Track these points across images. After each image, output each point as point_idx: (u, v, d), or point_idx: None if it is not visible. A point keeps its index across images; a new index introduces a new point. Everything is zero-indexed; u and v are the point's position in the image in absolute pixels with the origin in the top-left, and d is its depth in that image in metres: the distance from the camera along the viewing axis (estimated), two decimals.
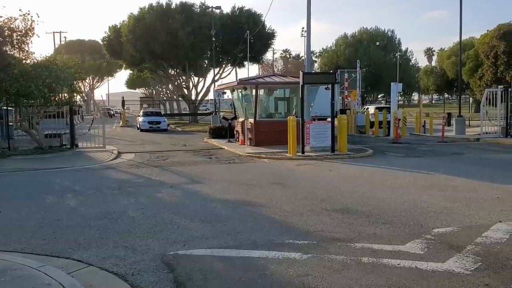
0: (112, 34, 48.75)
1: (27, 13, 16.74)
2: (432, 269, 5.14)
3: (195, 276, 5.05)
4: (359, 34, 71.91)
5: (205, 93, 51.63)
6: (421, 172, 12.45)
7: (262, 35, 47.39)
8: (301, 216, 7.58)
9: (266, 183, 10.88)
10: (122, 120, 44.31)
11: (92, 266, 5.42)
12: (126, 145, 22.20)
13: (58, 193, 10.26)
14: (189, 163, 15.03)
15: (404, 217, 7.44)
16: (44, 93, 16.98)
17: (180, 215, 7.85)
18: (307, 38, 18.85)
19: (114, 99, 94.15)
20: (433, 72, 71.10)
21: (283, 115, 20.24)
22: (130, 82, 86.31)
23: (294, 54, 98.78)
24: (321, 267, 5.24)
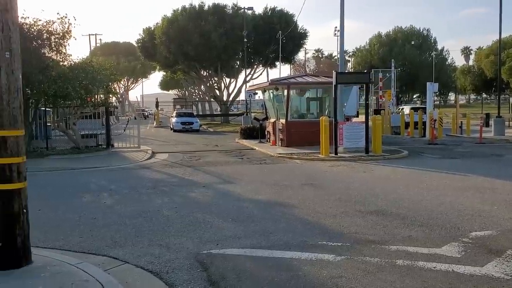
0: (146, 36, 49.59)
1: (65, 16, 17.19)
2: (470, 273, 5.00)
3: (229, 275, 5.08)
4: (393, 33, 70.75)
5: (236, 94, 51.90)
6: (458, 174, 12.14)
7: (294, 35, 47.25)
8: (334, 218, 7.51)
9: (298, 184, 10.84)
10: (156, 121, 45.00)
11: (128, 263, 5.53)
12: (159, 145, 22.52)
13: (94, 192, 10.50)
14: (221, 163, 15.12)
15: (440, 219, 7.27)
16: (81, 95, 17.40)
17: (212, 215, 7.91)
18: (341, 37, 18.66)
19: (148, 100, 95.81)
20: (470, 72, 69.34)
21: (315, 116, 20.10)
22: (163, 83, 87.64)
23: (327, 54, 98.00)
24: (355, 269, 5.18)
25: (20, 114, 5.04)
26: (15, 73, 4.95)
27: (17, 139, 4.97)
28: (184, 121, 35.00)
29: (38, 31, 16.59)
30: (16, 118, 4.96)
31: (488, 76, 60.39)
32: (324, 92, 20.73)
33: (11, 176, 4.91)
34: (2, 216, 4.89)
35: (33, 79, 15.88)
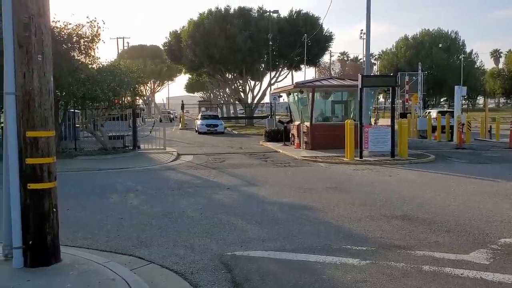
0: (172, 39, 50.17)
1: (94, 20, 17.55)
2: (499, 280, 4.89)
3: (253, 277, 5.09)
4: (420, 36, 69.74)
5: (261, 97, 51.99)
6: (487, 179, 11.89)
7: (319, 38, 47.08)
8: (359, 222, 7.46)
9: (323, 188, 10.79)
10: (181, 123, 45.43)
11: (153, 263, 5.60)
12: (185, 147, 22.73)
13: (121, 192, 10.68)
14: (245, 166, 15.17)
15: (468, 225, 7.14)
16: (108, 97, 17.71)
17: (237, 217, 7.94)
18: (367, 40, 18.52)
19: (174, 102, 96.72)
20: (500, 75, 67.77)
21: (340, 119, 19.97)
22: (189, 86, 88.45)
23: (352, 57, 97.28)
24: (380, 274, 5.13)
25: (51, 115, 5.17)
26: (47, 76, 5.08)
27: (48, 140, 5.10)
28: (209, 123, 35.25)
29: (68, 34, 16.97)
30: (47, 120, 5.09)
31: None
32: (349, 95, 20.60)
33: (42, 176, 5.04)
34: (33, 215, 5.02)
35: (63, 82, 16.24)
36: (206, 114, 41.03)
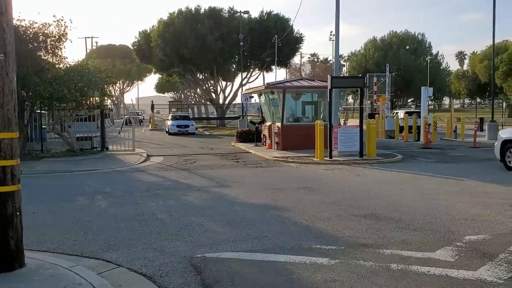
0: (142, 39, 49.59)
1: (61, 19, 17.16)
2: (464, 277, 5.02)
3: (223, 279, 5.07)
4: (388, 38, 70.95)
5: (232, 97, 51.93)
6: (452, 178, 12.19)
7: (290, 39, 47.36)
8: (328, 221, 7.53)
9: (293, 188, 10.85)
10: (151, 124, 44.96)
11: (121, 267, 5.51)
12: (155, 148, 22.49)
13: (89, 194, 10.47)
14: (217, 167, 15.12)
15: (434, 223, 7.30)
16: (76, 97, 17.36)
17: (207, 218, 7.90)
18: (336, 42, 18.75)
19: (144, 103, 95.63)
20: (464, 76, 69.71)
21: (310, 119, 20.15)
22: (159, 86, 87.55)
23: (322, 58, 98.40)
24: (349, 273, 5.19)
25: (15, 116, 5.03)
26: (10, 75, 4.94)
27: (11, 141, 4.96)
28: (180, 124, 34.89)
29: (34, 33, 16.56)
30: (10, 121, 4.95)
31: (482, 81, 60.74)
32: (319, 96, 20.81)
33: (4, 179, 4.89)
34: None
35: (28, 82, 15.84)
36: (177, 114, 40.51)
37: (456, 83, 71.82)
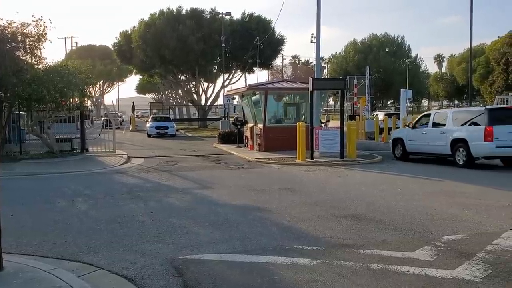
0: (122, 39, 49.17)
1: (40, 19, 16.92)
2: (442, 276, 5.12)
3: (204, 281, 5.07)
4: (368, 40, 71.70)
5: (214, 99, 51.84)
6: (431, 178, 12.39)
7: (272, 41, 47.51)
8: (310, 222, 7.58)
9: (275, 189, 10.89)
10: (131, 125, 44.58)
11: (102, 269, 5.47)
12: (135, 149, 22.33)
13: (69, 197, 10.35)
14: (198, 168, 15.09)
15: (414, 223, 7.42)
16: (55, 98, 17.14)
17: (189, 220, 7.89)
18: (317, 44, 18.87)
19: (124, 104, 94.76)
20: (443, 79, 70.82)
21: (292, 121, 20.26)
22: (140, 87, 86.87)
23: (304, 60, 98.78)
24: (330, 273, 5.24)
25: None
26: None
27: None
28: (159, 125, 33.91)
29: (12, 33, 16.28)
30: None
31: (460, 83, 61.83)
32: (301, 97, 20.94)
33: None
34: None
35: (6, 82, 15.58)
36: (157, 116, 39.80)
37: (434, 85, 72.91)
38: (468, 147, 14.25)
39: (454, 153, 14.85)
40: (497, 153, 14.06)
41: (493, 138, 13.68)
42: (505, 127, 13.86)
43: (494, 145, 13.74)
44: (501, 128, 13.77)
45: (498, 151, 13.89)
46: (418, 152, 16.75)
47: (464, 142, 14.41)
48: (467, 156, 14.36)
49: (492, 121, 13.87)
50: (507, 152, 14.00)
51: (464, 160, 14.47)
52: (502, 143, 13.70)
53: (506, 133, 13.76)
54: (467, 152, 14.32)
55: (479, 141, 13.98)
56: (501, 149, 13.80)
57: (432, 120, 16.22)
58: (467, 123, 14.71)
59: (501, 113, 15.10)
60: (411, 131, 16.97)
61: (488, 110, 14.38)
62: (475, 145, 14.09)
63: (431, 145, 15.80)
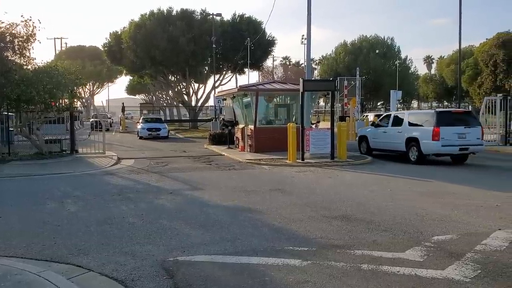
0: (112, 40, 48.93)
1: (29, 19, 16.82)
2: (432, 276, 5.15)
3: (195, 282, 5.06)
4: (358, 42, 72.06)
5: (205, 100, 51.76)
6: (420, 179, 12.47)
7: (263, 42, 47.57)
8: (300, 223, 7.60)
9: (266, 190, 10.90)
10: (121, 126, 44.35)
11: (92, 271, 5.43)
12: (125, 151, 22.21)
13: (58, 198, 10.26)
14: (189, 169, 15.05)
15: (404, 224, 7.46)
16: (44, 99, 17.02)
17: (180, 221, 7.86)
18: (307, 45, 18.93)
19: (114, 105, 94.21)
20: (432, 80, 71.30)
21: (283, 122, 20.29)
22: (130, 88, 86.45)
23: (294, 61, 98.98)
24: (321, 274, 5.25)
25: None
26: None
27: None
28: (150, 127, 32.84)
29: (1, 33, 16.17)
30: None
31: (449, 85, 62.26)
32: (291, 99, 20.97)
33: None
34: None
35: None
36: (148, 117, 38.91)
37: (424, 86, 73.39)
38: (419, 145, 15.79)
39: (408, 150, 16.37)
40: (443, 151, 15.63)
41: (440, 138, 15.28)
42: (451, 128, 15.43)
43: (440, 144, 15.32)
44: (447, 129, 15.34)
45: (444, 149, 15.49)
46: (380, 149, 18.32)
47: (416, 141, 15.95)
48: (418, 153, 15.91)
49: (440, 123, 15.41)
50: (451, 150, 15.61)
51: (416, 157, 15.99)
52: (447, 142, 15.32)
53: (451, 133, 15.39)
54: (419, 150, 15.87)
55: (428, 140, 15.52)
56: (446, 147, 15.42)
57: (391, 120, 17.74)
58: (420, 124, 16.23)
59: (448, 116, 16.42)
60: (374, 129, 18.76)
61: (436, 113, 15.99)
62: (425, 144, 15.64)
63: (390, 143, 17.34)
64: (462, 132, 15.54)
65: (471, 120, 16.30)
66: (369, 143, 18.75)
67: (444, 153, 15.91)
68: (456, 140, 15.44)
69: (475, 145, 15.71)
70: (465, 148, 15.58)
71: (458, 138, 15.46)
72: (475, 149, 15.87)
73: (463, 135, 15.53)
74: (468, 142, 15.57)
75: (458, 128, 15.54)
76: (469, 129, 15.66)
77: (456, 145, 15.42)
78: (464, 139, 15.51)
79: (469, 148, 15.67)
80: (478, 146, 15.86)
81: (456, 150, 15.58)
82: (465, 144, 15.51)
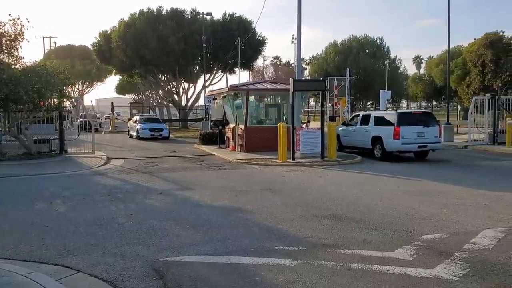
0: (102, 39, 48.62)
1: (17, 18, 16.66)
2: (421, 275, 5.18)
3: (185, 283, 5.04)
4: (348, 42, 72.29)
5: (195, 99, 51.62)
6: (410, 178, 12.54)
7: (253, 42, 47.55)
8: (291, 222, 7.60)
9: (257, 190, 10.89)
10: (111, 126, 44.08)
11: (81, 272, 5.39)
12: (115, 151, 22.08)
13: (47, 199, 10.17)
14: (179, 169, 15.00)
15: (393, 223, 7.50)
16: (33, 98, 16.86)
17: (170, 222, 7.83)
18: (298, 45, 18.95)
19: (104, 104, 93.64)
20: (421, 80, 71.72)
21: (273, 122, 20.29)
22: (119, 87, 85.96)
23: (285, 61, 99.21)
24: (311, 273, 5.26)
25: None
26: None
27: None
28: (153, 127, 31.38)
29: None
30: None
31: (438, 84, 62.65)
32: (282, 98, 20.98)
33: None
34: None
35: None
36: (147, 116, 36.64)
37: (413, 86, 73.80)
38: (383, 143, 17.00)
39: (374, 147, 17.57)
40: (403, 148, 16.95)
41: (400, 137, 16.52)
42: (410, 127, 16.65)
43: (400, 142, 16.58)
44: (407, 129, 16.56)
45: (404, 147, 16.80)
46: (350, 146, 19.32)
47: (380, 139, 17.18)
48: (382, 150, 17.12)
49: (400, 123, 16.65)
50: (411, 148, 16.98)
51: (380, 153, 17.20)
52: (406, 140, 16.59)
53: (410, 132, 16.64)
54: (382, 147, 17.08)
55: (390, 139, 16.76)
56: (406, 145, 16.71)
57: (359, 120, 18.98)
58: (384, 124, 17.36)
59: (408, 116, 17.74)
60: (345, 128, 19.89)
61: (398, 114, 17.54)
62: (387, 142, 16.89)
63: (359, 141, 18.47)
64: (421, 131, 16.75)
65: (429, 120, 17.43)
66: (341, 141, 19.59)
67: (404, 151, 17.26)
68: (415, 139, 16.66)
69: (433, 143, 16.93)
70: (423, 146, 16.84)
71: (417, 137, 16.68)
72: (433, 146, 17.06)
73: (422, 134, 16.77)
74: (426, 140, 16.81)
75: (417, 128, 16.71)
76: (428, 128, 16.84)
77: (415, 143, 16.68)
78: (422, 138, 16.75)
79: (427, 145, 16.90)
80: (436, 144, 17.06)
81: (415, 148, 16.90)
82: (424, 142, 16.77)
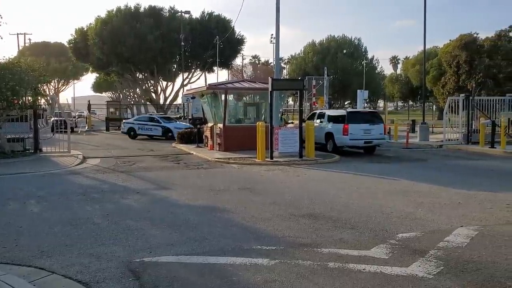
0: (78, 36, 47.95)
1: None
2: (396, 273, 5.25)
3: (161, 283, 5.00)
4: (326, 42, 72.84)
5: (173, 98, 51.31)
6: (386, 177, 12.70)
7: (232, 41, 47.51)
8: (269, 222, 7.62)
9: (235, 189, 10.88)
10: (87, 124, 43.48)
11: (55, 274, 5.29)
12: (91, 150, 21.78)
13: (21, 199, 9.96)
14: (157, 169, 14.88)
15: (370, 222, 7.58)
16: (6, 96, 16.52)
17: (146, 222, 7.76)
18: (276, 44, 19.00)
19: (80, 102, 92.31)
20: (398, 80, 72.86)
21: (252, 121, 20.28)
22: (96, 85, 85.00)
23: (263, 60, 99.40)
24: (288, 273, 5.28)
25: None
26: None
27: None
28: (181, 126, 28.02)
29: None
30: None
31: (414, 85, 63.74)
32: (260, 97, 20.99)
33: None
34: None
35: None
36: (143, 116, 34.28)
37: (390, 86, 74.89)
38: (334, 139, 18.81)
39: (327, 142, 19.32)
40: (351, 144, 18.75)
41: (349, 133, 18.24)
42: (358, 125, 18.38)
43: (348, 138, 18.34)
44: (355, 126, 18.28)
45: (352, 142, 18.61)
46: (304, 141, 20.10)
47: (332, 135, 18.97)
48: (333, 145, 18.93)
49: (349, 121, 18.34)
50: (358, 143, 18.73)
51: (332, 148, 18.98)
52: (354, 136, 18.34)
53: (358, 129, 18.36)
54: (333, 143, 18.89)
55: (340, 135, 18.56)
56: (354, 141, 18.52)
57: (316, 117, 20.65)
58: (335, 121, 19.07)
59: (356, 115, 19.54)
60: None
61: (347, 112, 19.29)
62: (337, 137, 18.71)
63: (315, 136, 18.81)
64: (368, 129, 18.55)
65: (375, 119, 19.35)
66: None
67: (352, 146, 19.00)
68: (362, 135, 18.44)
69: (378, 139, 18.96)
70: (369, 142, 18.68)
71: (364, 134, 18.46)
72: (378, 142, 19.15)
73: (368, 131, 18.56)
74: (372, 137, 18.69)
75: (364, 125, 18.49)
76: (374, 126, 18.68)
77: (362, 139, 18.51)
78: (369, 135, 18.58)
79: (373, 141, 18.82)
80: (380, 140, 19.21)
81: (362, 143, 18.69)
82: (369, 138, 18.63)
